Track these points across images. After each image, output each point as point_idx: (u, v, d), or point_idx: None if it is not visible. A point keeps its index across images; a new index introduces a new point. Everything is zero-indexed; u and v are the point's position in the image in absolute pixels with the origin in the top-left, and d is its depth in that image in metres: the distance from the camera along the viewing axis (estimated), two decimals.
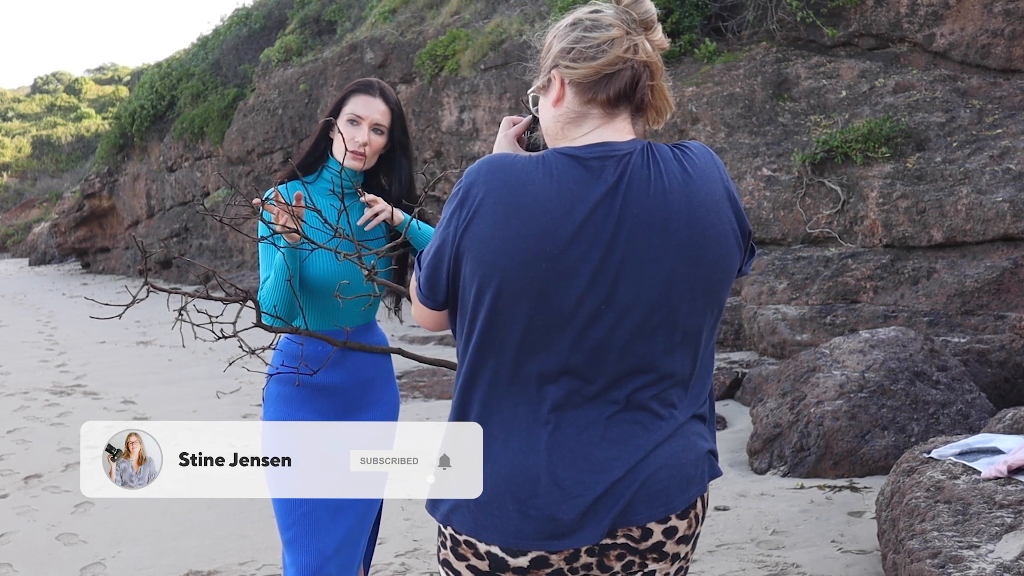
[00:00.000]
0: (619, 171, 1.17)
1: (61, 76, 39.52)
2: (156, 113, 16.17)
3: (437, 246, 1.23)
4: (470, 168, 1.22)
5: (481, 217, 1.17)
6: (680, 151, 1.22)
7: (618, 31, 1.19)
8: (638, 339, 1.18)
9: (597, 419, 1.18)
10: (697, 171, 1.20)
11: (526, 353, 1.18)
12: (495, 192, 1.17)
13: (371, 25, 11.45)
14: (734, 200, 1.23)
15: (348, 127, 2.00)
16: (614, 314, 1.17)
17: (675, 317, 1.19)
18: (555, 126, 1.25)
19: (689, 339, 1.21)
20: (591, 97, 1.21)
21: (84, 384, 6.78)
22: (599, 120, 1.22)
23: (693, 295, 1.19)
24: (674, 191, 1.18)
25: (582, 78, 1.20)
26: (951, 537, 2.21)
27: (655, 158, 1.19)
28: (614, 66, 1.19)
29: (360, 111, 2.01)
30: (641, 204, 1.17)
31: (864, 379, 3.83)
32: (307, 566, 1.96)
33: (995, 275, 4.60)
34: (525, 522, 1.17)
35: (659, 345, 1.19)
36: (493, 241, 1.16)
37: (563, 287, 1.16)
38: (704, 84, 6.24)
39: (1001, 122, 5.06)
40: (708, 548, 3.07)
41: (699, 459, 1.23)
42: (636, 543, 1.20)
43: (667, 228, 1.17)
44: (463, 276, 1.20)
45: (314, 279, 1.97)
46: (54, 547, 3.39)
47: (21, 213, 27.26)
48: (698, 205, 1.18)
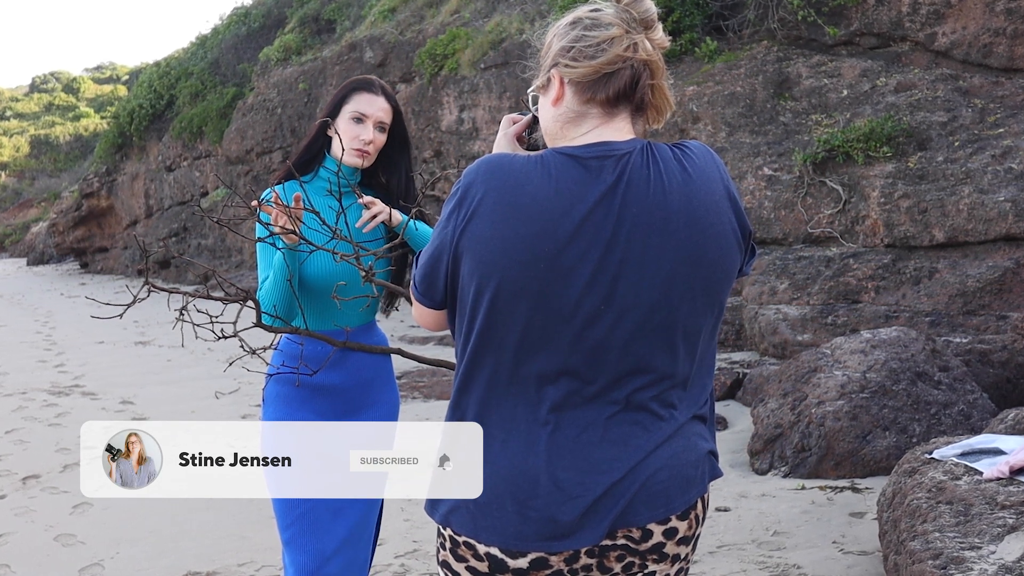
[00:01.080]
0: (618, 171, 1.17)
1: (59, 75, 39.46)
2: (155, 112, 16.14)
3: (435, 246, 1.23)
4: (468, 168, 1.22)
5: (480, 217, 1.17)
6: (680, 151, 1.22)
7: (618, 30, 1.18)
8: (638, 339, 1.17)
9: (597, 420, 1.18)
10: (697, 171, 1.20)
11: (525, 353, 1.18)
12: (494, 192, 1.17)
13: (370, 24, 11.44)
14: (734, 200, 1.23)
15: (352, 125, 1.99)
16: (614, 314, 1.16)
17: (675, 317, 1.18)
18: (555, 125, 1.25)
19: (689, 339, 1.20)
20: (590, 96, 1.20)
21: (82, 384, 6.76)
22: (598, 119, 1.22)
23: (693, 295, 1.19)
24: (674, 191, 1.18)
25: (581, 77, 1.20)
26: (953, 538, 2.20)
27: (655, 158, 1.19)
28: (613, 65, 1.19)
29: (365, 109, 2.00)
30: (641, 204, 1.16)
31: (865, 379, 3.82)
32: (305, 566, 1.95)
33: (997, 275, 4.59)
34: (524, 523, 1.17)
35: (659, 345, 1.18)
36: (492, 241, 1.16)
37: (562, 287, 1.16)
38: (705, 83, 6.23)
39: (1003, 121, 5.05)
40: (709, 549, 3.06)
41: (699, 460, 1.23)
42: (636, 544, 1.19)
43: (667, 228, 1.17)
44: (462, 276, 1.19)
45: (313, 279, 1.96)
46: (52, 548, 3.38)
47: (19, 213, 27.23)
48: (698, 205, 1.18)
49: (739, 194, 1.26)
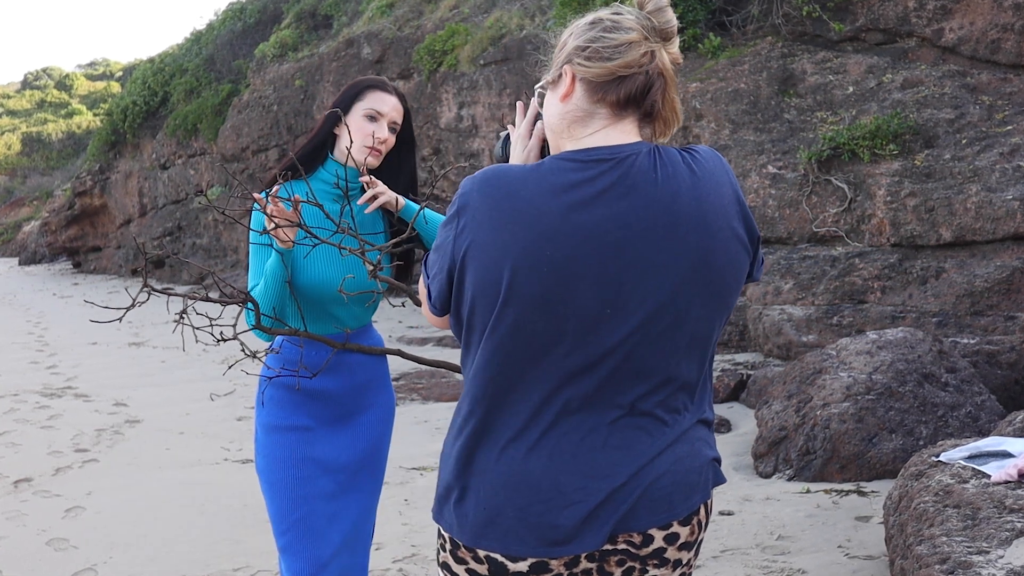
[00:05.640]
0: (620, 173, 1.17)
1: (52, 72, 39.25)
2: (149, 109, 16.07)
3: (438, 256, 1.24)
4: (464, 180, 1.23)
5: (479, 225, 1.18)
6: (689, 154, 1.22)
7: (637, 35, 1.19)
8: (644, 344, 1.17)
9: (600, 424, 1.18)
10: (706, 174, 1.20)
11: (529, 358, 1.18)
12: (490, 199, 1.18)
13: (368, 19, 11.38)
14: (743, 204, 1.23)
15: (366, 123, 1.98)
16: (619, 318, 1.16)
17: (682, 322, 1.18)
18: (560, 122, 1.24)
19: (696, 344, 1.20)
20: (600, 97, 1.21)
21: (75, 386, 6.72)
22: (606, 120, 1.22)
23: (701, 300, 1.19)
24: (683, 194, 1.17)
25: (595, 77, 1.20)
26: (960, 542, 2.18)
27: (663, 160, 1.19)
28: (628, 69, 1.19)
29: (379, 107, 1.99)
30: (648, 207, 1.16)
31: (871, 381, 3.79)
32: (302, 571, 1.95)
33: (1005, 275, 4.56)
34: (525, 528, 1.17)
35: (665, 350, 1.18)
36: (493, 247, 1.16)
37: (565, 290, 1.15)
38: (708, 80, 6.17)
39: (1011, 119, 5.01)
40: (712, 553, 3.04)
41: (703, 466, 1.23)
42: (637, 549, 1.19)
43: (675, 232, 1.16)
44: (465, 285, 1.20)
45: (307, 287, 1.95)
46: (44, 552, 3.34)
47: (11, 211, 27.10)
48: (708, 209, 1.18)
49: (745, 198, 1.26)
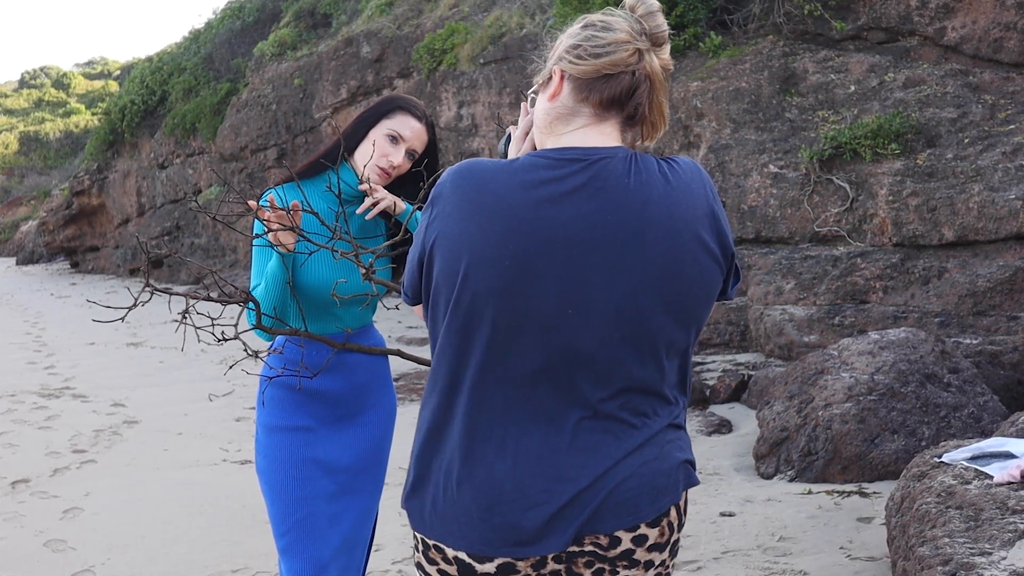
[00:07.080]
0: (592, 174, 1.17)
1: (49, 70, 39.16)
2: (147, 109, 16.03)
3: (413, 246, 1.26)
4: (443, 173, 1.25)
5: (448, 215, 1.19)
6: (668, 163, 1.22)
7: (627, 36, 1.21)
8: (607, 346, 1.17)
9: (564, 426, 1.17)
10: (681, 184, 1.20)
11: (492, 355, 1.18)
12: (460, 191, 1.19)
13: (367, 18, 11.36)
14: (717, 219, 1.23)
15: (385, 143, 1.95)
16: (580, 318, 1.16)
17: (647, 328, 1.18)
18: (544, 119, 1.26)
19: (664, 351, 1.20)
20: (585, 96, 1.22)
21: (73, 387, 6.69)
22: (587, 120, 1.22)
23: (668, 308, 1.18)
24: (654, 201, 1.17)
25: (582, 74, 1.21)
26: (963, 544, 2.17)
27: (638, 167, 1.19)
28: (615, 68, 1.20)
29: (403, 131, 1.96)
30: (616, 210, 1.16)
31: (873, 381, 3.78)
32: (302, 573, 1.94)
33: (1008, 275, 4.54)
34: (489, 529, 1.18)
35: (630, 354, 1.18)
36: (459, 238, 1.17)
37: (528, 286, 1.15)
38: (709, 79, 6.15)
39: (1014, 117, 5.00)
40: (714, 555, 3.03)
41: (672, 469, 1.21)
42: (604, 551, 1.19)
43: (643, 237, 1.16)
44: (434, 275, 1.21)
45: (309, 288, 1.94)
46: (42, 554, 3.32)
47: (8, 211, 27.04)
48: (678, 218, 1.18)
49: (724, 215, 1.26)
